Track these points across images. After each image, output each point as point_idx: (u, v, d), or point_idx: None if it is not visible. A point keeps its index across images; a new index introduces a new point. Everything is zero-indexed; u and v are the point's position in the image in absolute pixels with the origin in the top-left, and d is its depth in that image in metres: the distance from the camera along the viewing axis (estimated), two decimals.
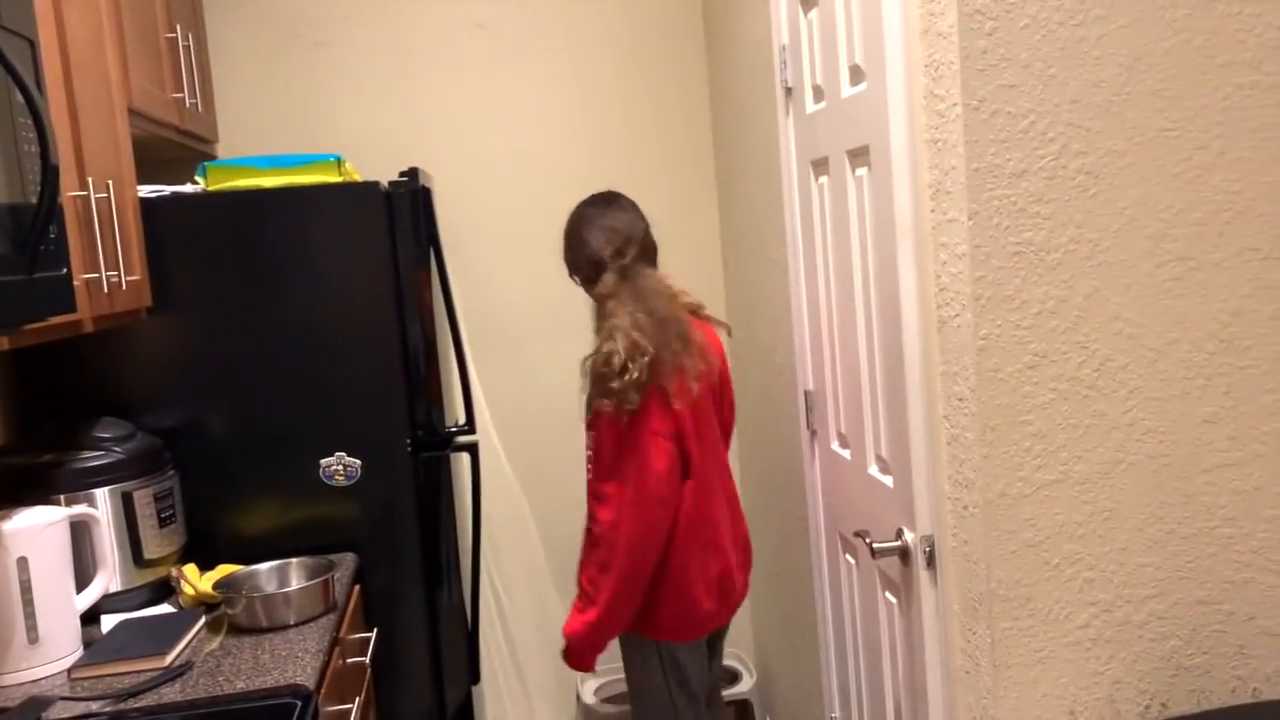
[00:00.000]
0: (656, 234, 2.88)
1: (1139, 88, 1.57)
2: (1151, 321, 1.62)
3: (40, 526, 1.74)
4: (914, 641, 1.92)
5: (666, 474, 2.06)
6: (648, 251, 2.26)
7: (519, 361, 3.23)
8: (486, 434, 3.18)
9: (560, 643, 3.31)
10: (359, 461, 2.32)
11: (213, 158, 2.86)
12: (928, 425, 1.79)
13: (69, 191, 1.74)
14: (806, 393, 2.44)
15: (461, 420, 2.53)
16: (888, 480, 1.98)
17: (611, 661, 3.33)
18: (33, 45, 1.45)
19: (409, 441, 2.35)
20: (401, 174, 2.36)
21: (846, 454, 2.21)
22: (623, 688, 3.22)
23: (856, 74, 1.95)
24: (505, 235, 3.19)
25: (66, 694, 1.65)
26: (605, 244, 2.19)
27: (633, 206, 2.29)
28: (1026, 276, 1.59)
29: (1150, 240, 1.60)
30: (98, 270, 1.81)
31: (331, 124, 3.03)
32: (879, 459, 2.03)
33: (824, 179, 2.21)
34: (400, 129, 3.08)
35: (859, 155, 1.98)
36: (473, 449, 2.50)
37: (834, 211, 2.15)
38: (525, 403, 3.24)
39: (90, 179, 1.81)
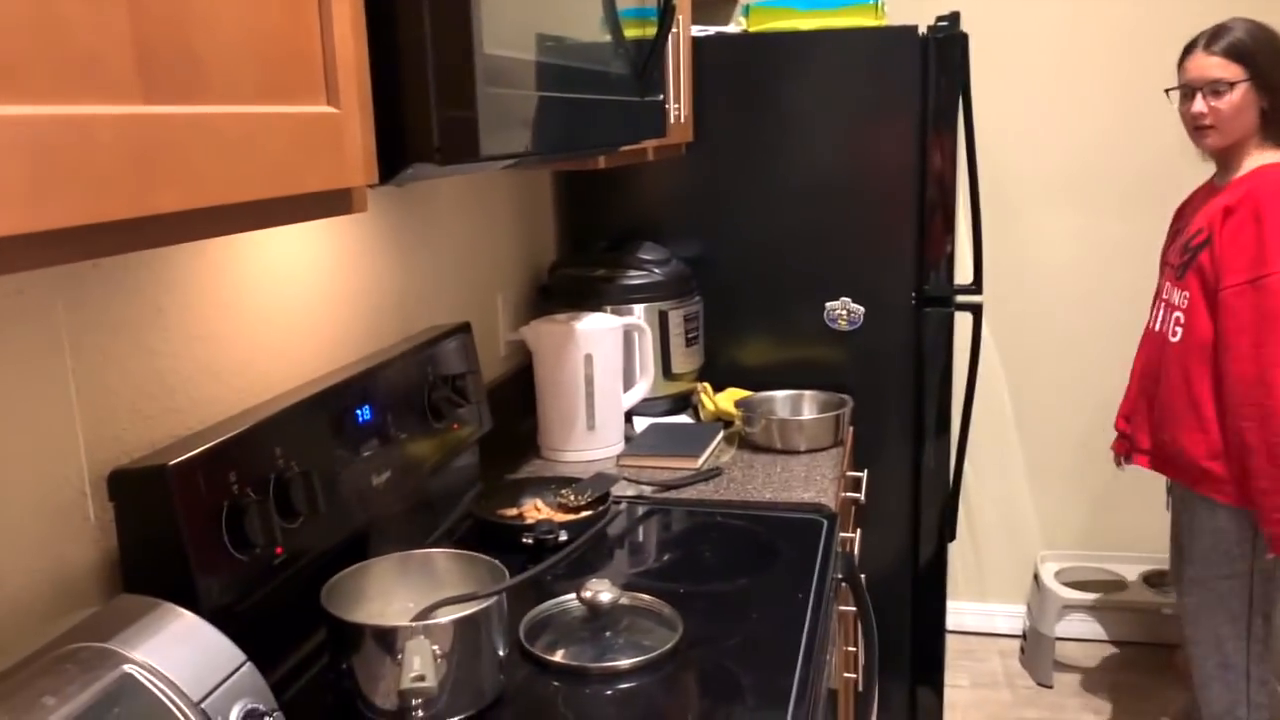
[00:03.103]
0: None
1: None
2: None
3: (604, 330, 1.97)
4: None
5: None
6: None
7: (1019, 229, 3.10)
8: None
9: (1019, 519, 3.24)
10: (863, 309, 2.37)
11: (738, 1, 2.95)
12: None
13: None
14: None
15: (969, 280, 2.48)
16: None
17: (1076, 548, 3.22)
18: None
19: (914, 294, 2.36)
20: (940, 19, 2.29)
21: None
22: (1086, 574, 3.11)
23: None
24: (1029, 92, 3.02)
25: (620, 475, 1.88)
26: None
27: None
28: None
29: None
30: (667, 103, 1.96)
31: None
32: None
33: None
34: None
35: None
36: (976, 310, 2.45)
37: None
38: (1020, 273, 3.12)
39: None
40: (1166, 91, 2.20)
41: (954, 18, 2.27)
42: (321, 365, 1.49)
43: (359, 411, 1.38)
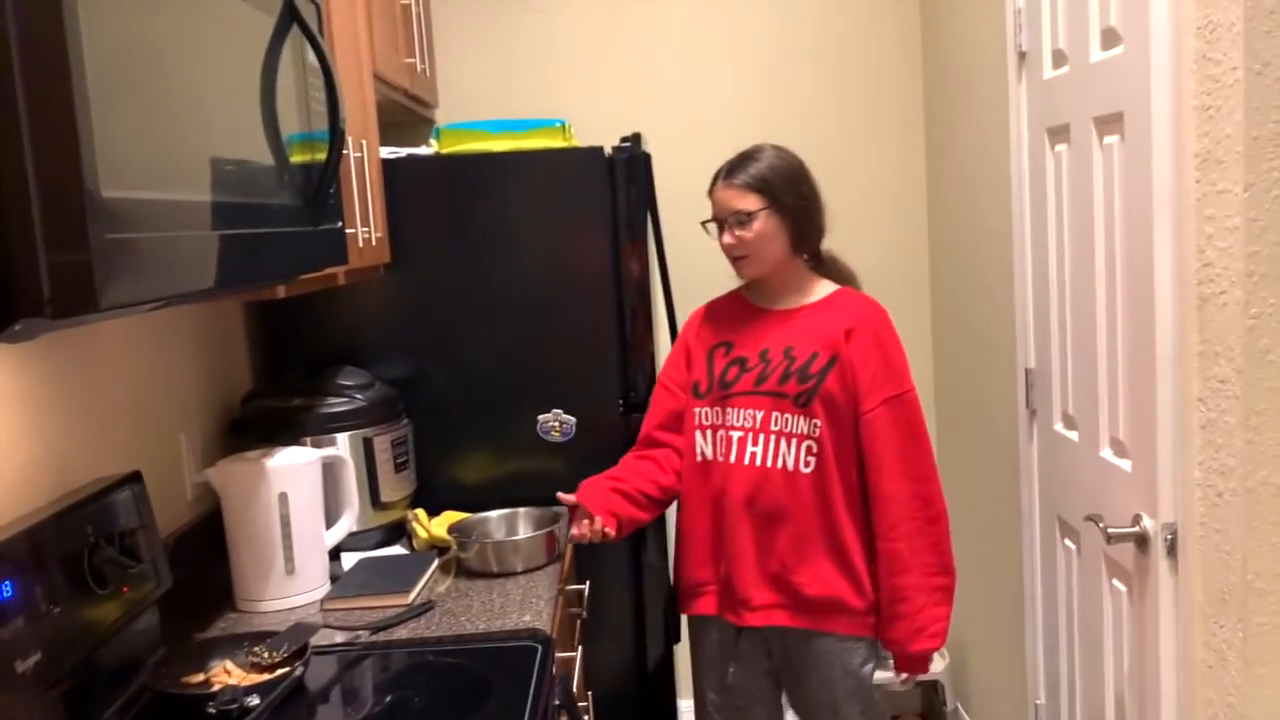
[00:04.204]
0: (860, 200, 2.77)
1: None
2: None
3: (299, 466, 1.86)
4: (1145, 631, 1.84)
5: None
6: None
7: None
8: None
9: None
10: (574, 419, 2.39)
11: (432, 122, 2.97)
12: (1178, 408, 1.70)
13: None
14: (1027, 370, 2.36)
15: None
16: (1124, 464, 1.90)
17: None
18: (318, 9, 1.53)
19: (621, 402, 2.40)
20: (624, 139, 2.40)
21: (1073, 435, 2.14)
22: None
23: (1110, 37, 1.86)
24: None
25: (321, 623, 1.76)
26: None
27: None
28: None
29: None
30: (354, 226, 1.91)
31: (544, 87, 3.09)
32: (1114, 442, 1.95)
33: (1062, 147, 2.12)
34: (610, 93, 3.12)
35: (1109, 123, 1.89)
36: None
37: (1073, 181, 2.07)
38: None
39: (349, 139, 1.91)
40: (703, 224, 2.09)
41: (635, 139, 2.38)
42: None
43: None
